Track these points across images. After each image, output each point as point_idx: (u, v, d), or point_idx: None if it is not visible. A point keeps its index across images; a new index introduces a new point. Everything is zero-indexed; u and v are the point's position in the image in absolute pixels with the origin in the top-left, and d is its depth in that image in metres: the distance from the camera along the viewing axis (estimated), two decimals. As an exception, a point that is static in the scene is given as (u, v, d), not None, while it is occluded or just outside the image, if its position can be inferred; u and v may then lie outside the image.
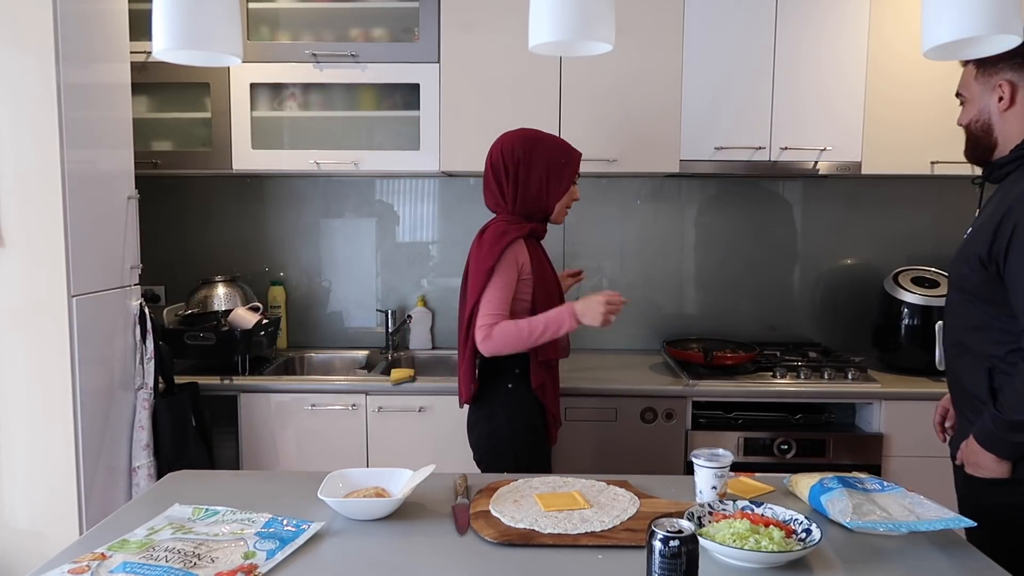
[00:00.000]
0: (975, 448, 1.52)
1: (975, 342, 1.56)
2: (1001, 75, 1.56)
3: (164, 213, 3.00)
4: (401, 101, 2.73)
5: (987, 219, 1.53)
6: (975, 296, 1.55)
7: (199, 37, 1.46)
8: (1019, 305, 1.45)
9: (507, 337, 1.88)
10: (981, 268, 1.51)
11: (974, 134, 1.63)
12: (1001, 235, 1.47)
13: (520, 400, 1.99)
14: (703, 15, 2.58)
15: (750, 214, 3.02)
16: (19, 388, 2.02)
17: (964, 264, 1.55)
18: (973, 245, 1.54)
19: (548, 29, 1.45)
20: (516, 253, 1.94)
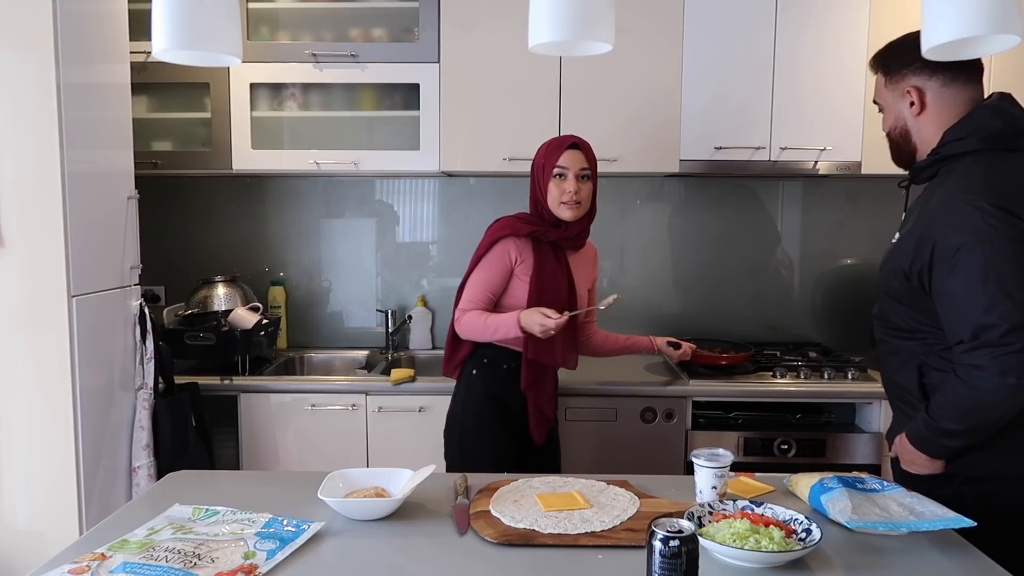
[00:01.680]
0: (908, 447, 1.54)
1: (904, 342, 1.58)
2: (907, 81, 1.56)
3: (164, 213, 3.00)
4: (401, 101, 2.73)
5: (909, 232, 1.54)
6: (901, 302, 1.56)
7: (199, 37, 1.46)
8: (947, 323, 1.45)
9: (472, 325, 1.99)
10: (905, 280, 1.52)
11: (895, 141, 1.65)
12: (921, 254, 1.47)
13: (479, 389, 2.07)
14: (703, 15, 2.58)
15: (750, 214, 3.02)
16: (19, 388, 2.02)
17: (891, 275, 1.57)
18: (896, 258, 1.55)
19: (548, 29, 1.45)
20: (508, 248, 2.01)
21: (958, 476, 1.51)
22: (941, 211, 1.45)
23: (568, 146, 2.01)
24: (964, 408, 1.43)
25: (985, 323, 1.38)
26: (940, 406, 1.47)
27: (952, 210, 1.43)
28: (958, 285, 1.41)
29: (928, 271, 1.46)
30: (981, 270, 1.38)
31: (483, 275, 2.02)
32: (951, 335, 1.45)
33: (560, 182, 2.00)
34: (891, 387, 1.66)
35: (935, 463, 1.52)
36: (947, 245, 1.42)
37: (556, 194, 2.01)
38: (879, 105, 1.67)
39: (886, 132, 1.66)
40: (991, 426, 1.44)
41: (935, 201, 1.48)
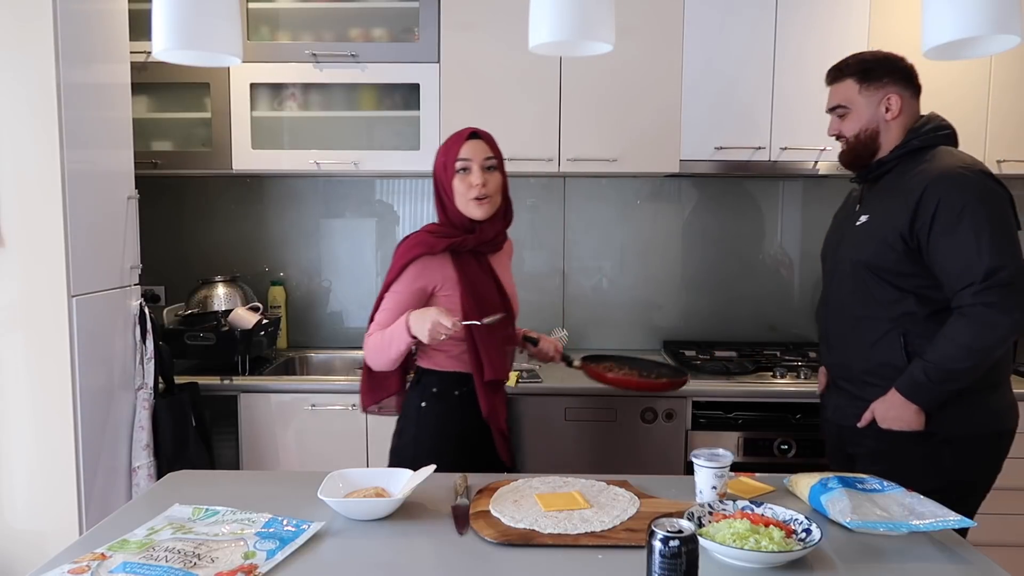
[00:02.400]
0: (897, 402, 1.69)
1: (886, 313, 1.75)
2: (887, 89, 1.79)
3: (164, 213, 3.00)
4: (401, 101, 2.73)
5: (896, 204, 1.72)
6: (888, 272, 1.73)
7: (199, 37, 1.46)
8: (954, 270, 1.64)
9: (372, 349, 1.75)
10: (902, 244, 1.70)
11: (862, 142, 1.83)
12: (921, 215, 1.66)
13: (432, 425, 1.83)
14: (703, 15, 2.58)
15: (750, 214, 3.02)
16: (19, 388, 2.02)
17: (878, 249, 1.74)
18: (884, 228, 1.73)
19: (548, 29, 1.45)
20: (422, 270, 1.76)
21: (936, 435, 1.69)
22: (939, 180, 1.67)
23: (468, 136, 1.80)
24: (973, 346, 1.61)
25: (997, 265, 1.59)
26: (944, 351, 1.64)
27: (952, 177, 1.67)
28: (966, 235, 1.61)
29: (928, 229, 1.65)
30: (987, 222, 1.61)
31: (395, 299, 1.76)
32: (959, 280, 1.63)
33: (465, 176, 1.78)
34: (866, 366, 1.79)
35: (921, 417, 1.68)
36: (951, 203, 1.64)
37: (463, 190, 1.78)
38: (844, 110, 1.84)
39: (854, 134, 1.83)
40: (988, 364, 1.64)
41: (922, 173, 1.70)
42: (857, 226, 1.83)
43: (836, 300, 1.88)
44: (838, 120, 1.86)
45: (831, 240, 1.98)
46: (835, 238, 1.94)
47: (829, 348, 1.92)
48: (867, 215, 1.81)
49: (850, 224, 1.87)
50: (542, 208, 3.01)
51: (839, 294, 1.87)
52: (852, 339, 1.83)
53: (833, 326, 1.90)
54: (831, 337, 1.91)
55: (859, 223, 1.82)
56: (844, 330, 1.85)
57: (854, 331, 1.83)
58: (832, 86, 1.87)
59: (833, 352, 1.90)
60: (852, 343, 1.83)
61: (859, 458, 1.81)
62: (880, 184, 1.83)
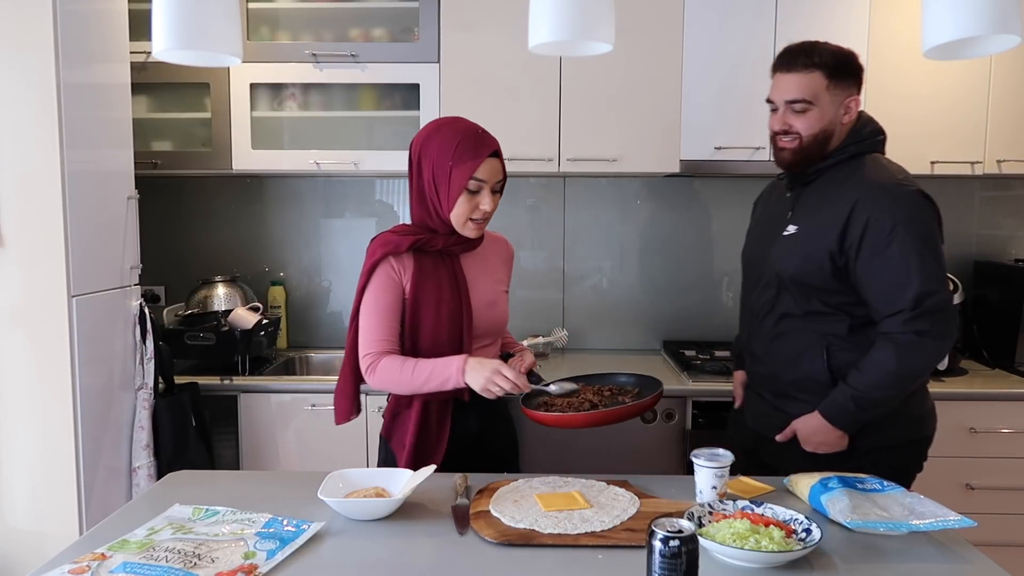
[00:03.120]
0: (822, 427, 1.65)
1: (810, 326, 1.69)
2: (851, 91, 1.67)
3: (164, 213, 3.00)
4: (401, 101, 2.73)
5: (825, 219, 1.64)
6: (813, 287, 1.67)
7: (199, 37, 1.46)
8: (882, 295, 1.59)
9: (390, 374, 1.60)
10: (830, 263, 1.63)
11: (817, 142, 1.68)
12: (852, 231, 1.60)
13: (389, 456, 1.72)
14: (703, 15, 2.58)
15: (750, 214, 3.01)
16: (19, 388, 2.02)
17: (806, 261, 1.66)
18: (812, 244, 1.65)
19: (548, 29, 1.45)
20: (388, 271, 1.63)
21: (860, 449, 1.67)
22: (869, 195, 1.60)
23: (490, 154, 1.61)
24: (902, 374, 1.59)
25: (927, 290, 1.56)
26: (872, 378, 1.60)
27: (882, 193, 1.60)
28: (896, 258, 1.57)
29: (857, 249, 1.60)
30: (917, 245, 1.57)
31: (376, 305, 1.62)
32: (888, 306, 1.59)
33: (472, 197, 1.60)
34: (790, 379, 1.74)
35: (845, 439, 1.65)
36: (881, 223, 1.58)
37: (465, 210, 1.61)
38: (806, 105, 1.66)
39: (812, 133, 1.67)
40: (914, 387, 1.64)
41: (852, 186, 1.63)
42: (785, 236, 1.73)
43: (760, 309, 1.79)
44: (793, 114, 1.67)
45: (756, 246, 1.86)
46: (761, 245, 1.82)
47: (754, 358, 1.84)
48: (796, 226, 1.71)
49: (777, 232, 1.76)
50: (542, 208, 3.01)
51: (762, 303, 1.78)
52: (776, 351, 1.76)
53: (757, 336, 1.81)
54: (755, 346, 1.82)
55: (787, 233, 1.72)
56: (768, 341, 1.77)
57: (777, 343, 1.75)
58: (795, 74, 1.66)
59: (758, 362, 1.82)
60: (776, 355, 1.76)
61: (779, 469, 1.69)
62: (810, 190, 1.73)
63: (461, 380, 1.54)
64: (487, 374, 1.52)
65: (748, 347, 1.86)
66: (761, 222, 1.90)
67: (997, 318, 2.76)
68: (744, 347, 1.91)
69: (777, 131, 1.71)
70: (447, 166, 1.59)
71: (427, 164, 1.62)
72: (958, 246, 2.99)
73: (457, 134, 1.61)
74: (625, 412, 1.57)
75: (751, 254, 1.89)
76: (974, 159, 2.62)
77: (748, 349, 1.87)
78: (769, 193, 1.96)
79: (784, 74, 1.68)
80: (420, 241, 1.63)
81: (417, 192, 1.66)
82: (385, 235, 1.68)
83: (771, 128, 1.73)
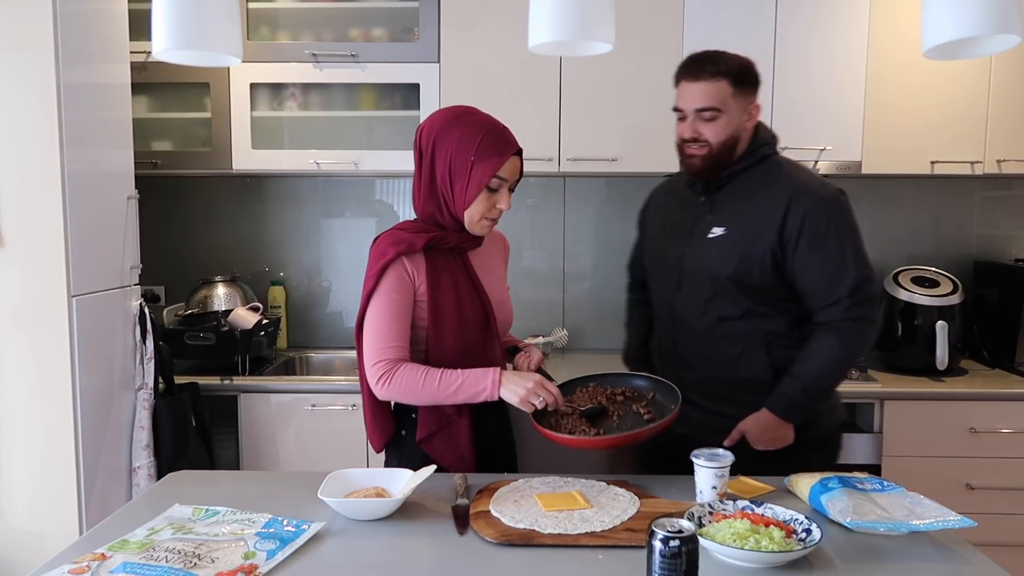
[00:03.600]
0: (772, 423, 1.67)
1: (748, 326, 1.71)
2: (752, 97, 1.71)
3: (164, 213, 3.00)
4: (401, 101, 2.73)
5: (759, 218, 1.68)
6: (751, 286, 1.69)
7: (199, 37, 1.46)
8: (821, 287, 1.65)
9: (410, 383, 1.50)
10: (770, 259, 1.67)
11: (725, 146, 1.69)
12: (790, 227, 1.65)
13: (413, 453, 1.60)
14: (703, 15, 2.58)
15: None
16: (19, 388, 2.02)
17: (743, 261, 1.68)
18: (748, 243, 1.68)
19: (548, 29, 1.45)
20: (400, 272, 1.54)
21: (802, 439, 1.70)
22: (803, 194, 1.66)
23: (514, 152, 1.55)
24: (846, 361, 1.68)
25: (864, 276, 1.64)
26: (817, 368, 1.66)
27: (815, 192, 1.67)
28: (833, 251, 1.64)
29: (795, 243, 1.65)
30: (850, 237, 1.66)
31: (390, 308, 1.53)
32: (826, 296, 1.65)
33: (491, 196, 1.54)
34: (730, 382, 1.74)
35: (792, 433, 1.69)
36: (817, 219, 1.64)
37: (482, 209, 1.54)
38: (715, 112, 1.66)
39: (720, 140, 1.68)
40: None
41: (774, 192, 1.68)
42: (711, 239, 1.73)
43: (690, 314, 1.76)
44: (703, 122, 1.67)
45: (668, 251, 1.81)
46: (675, 249, 1.79)
47: (683, 365, 1.79)
48: (723, 228, 1.72)
49: (697, 235, 1.75)
50: (542, 208, 3.01)
51: (692, 308, 1.76)
52: (713, 355, 1.74)
53: (686, 342, 1.78)
54: (685, 353, 1.79)
55: (714, 235, 1.72)
56: (702, 346, 1.76)
57: (714, 347, 1.74)
58: (703, 83, 1.66)
59: (690, 369, 1.77)
60: (714, 359, 1.74)
61: None
62: (727, 194, 1.74)
63: (495, 393, 1.48)
64: (529, 385, 1.47)
65: (674, 354, 1.82)
66: (666, 227, 1.86)
67: (997, 318, 2.76)
68: (667, 355, 1.85)
69: (687, 139, 1.70)
70: (467, 161, 1.50)
71: (443, 155, 1.53)
72: (958, 246, 2.99)
73: (480, 128, 1.52)
74: (645, 435, 1.50)
75: (661, 259, 1.84)
76: (974, 159, 2.62)
77: (673, 356, 1.82)
78: (663, 199, 1.92)
79: (691, 83, 1.68)
80: (434, 239, 1.55)
81: (427, 184, 1.56)
82: (395, 233, 1.58)
83: (680, 136, 1.72)
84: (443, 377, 1.50)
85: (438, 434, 1.60)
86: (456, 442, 1.60)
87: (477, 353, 1.58)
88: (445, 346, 1.56)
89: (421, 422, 1.59)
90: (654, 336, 1.95)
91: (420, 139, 1.57)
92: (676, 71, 1.73)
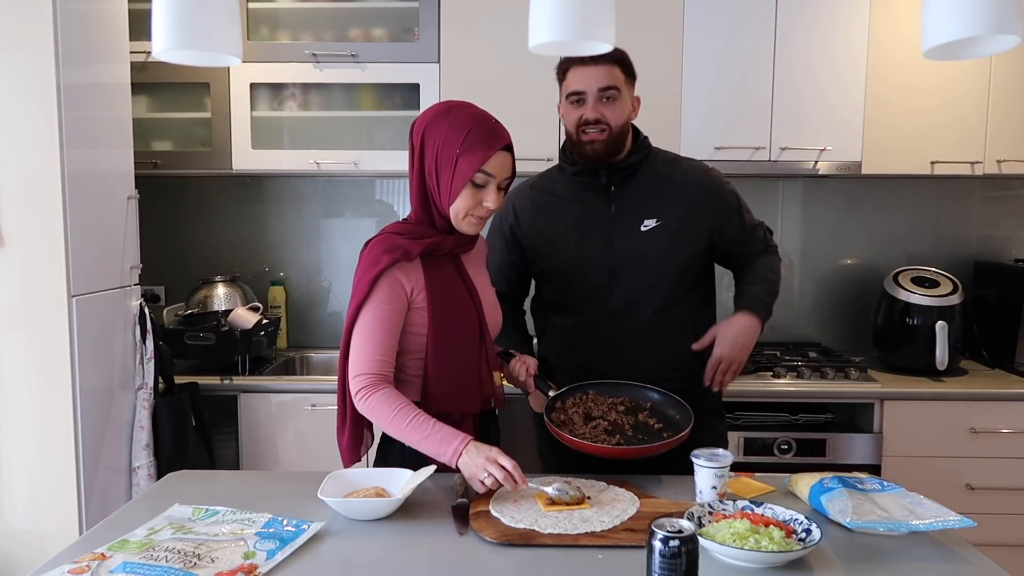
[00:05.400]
0: (749, 323, 1.76)
1: (680, 313, 1.80)
2: (634, 90, 1.80)
3: (164, 213, 3.00)
4: (401, 101, 2.73)
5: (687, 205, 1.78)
6: (689, 270, 1.81)
7: (199, 37, 1.46)
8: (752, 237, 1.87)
9: (381, 412, 1.46)
10: (708, 242, 1.81)
11: (623, 132, 1.77)
12: (725, 207, 1.82)
13: (418, 462, 1.48)
14: (703, 15, 2.58)
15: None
16: (19, 388, 2.02)
17: (685, 248, 1.78)
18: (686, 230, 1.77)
19: (548, 29, 1.45)
20: (394, 281, 1.49)
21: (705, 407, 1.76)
22: (715, 179, 1.84)
23: (503, 148, 1.49)
24: (779, 270, 1.88)
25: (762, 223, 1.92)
26: (763, 273, 1.84)
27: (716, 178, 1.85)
28: (746, 216, 1.87)
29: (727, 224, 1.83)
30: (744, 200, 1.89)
31: (380, 319, 1.47)
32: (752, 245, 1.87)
33: (478, 192, 1.48)
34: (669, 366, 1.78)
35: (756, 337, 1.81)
36: (730, 199, 1.85)
37: (468, 205, 1.49)
38: (614, 92, 1.72)
39: (619, 124, 1.74)
40: None
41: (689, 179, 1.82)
42: (646, 231, 1.76)
43: (630, 307, 1.77)
44: (604, 104, 1.69)
45: (592, 249, 1.78)
46: (600, 247, 1.77)
47: (619, 360, 1.76)
48: (655, 219, 1.76)
49: (627, 229, 1.76)
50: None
51: (632, 301, 1.77)
52: (653, 343, 1.77)
53: (626, 337, 1.77)
54: (623, 347, 1.77)
55: (648, 228, 1.76)
56: (642, 337, 1.77)
57: (653, 336, 1.77)
58: (601, 66, 1.68)
59: (629, 363, 1.75)
60: (654, 347, 1.77)
61: None
62: (638, 186, 1.79)
63: (454, 462, 1.40)
64: (478, 463, 1.38)
65: (610, 353, 1.78)
66: (573, 228, 1.80)
67: (997, 318, 2.76)
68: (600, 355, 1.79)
69: (589, 120, 1.70)
70: (453, 154, 1.46)
71: (431, 148, 1.49)
72: (958, 246, 2.99)
73: (469, 120, 1.48)
74: (665, 447, 1.51)
75: (582, 260, 1.79)
76: (974, 159, 2.62)
77: (609, 355, 1.78)
78: (540, 202, 1.86)
79: (589, 66, 1.69)
80: (431, 245, 1.50)
81: (418, 180, 1.52)
82: (389, 238, 1.51)
83: (582, 119, 1.71)
84: (411, 423, 1.43)
85: None
86: None
87: (474, 359, 1.56)
88: (446, 353, 1.53)
89: None
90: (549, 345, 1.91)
91: (412, 133, 1.54)
92: (560, 62, 1.77)
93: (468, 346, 1.56)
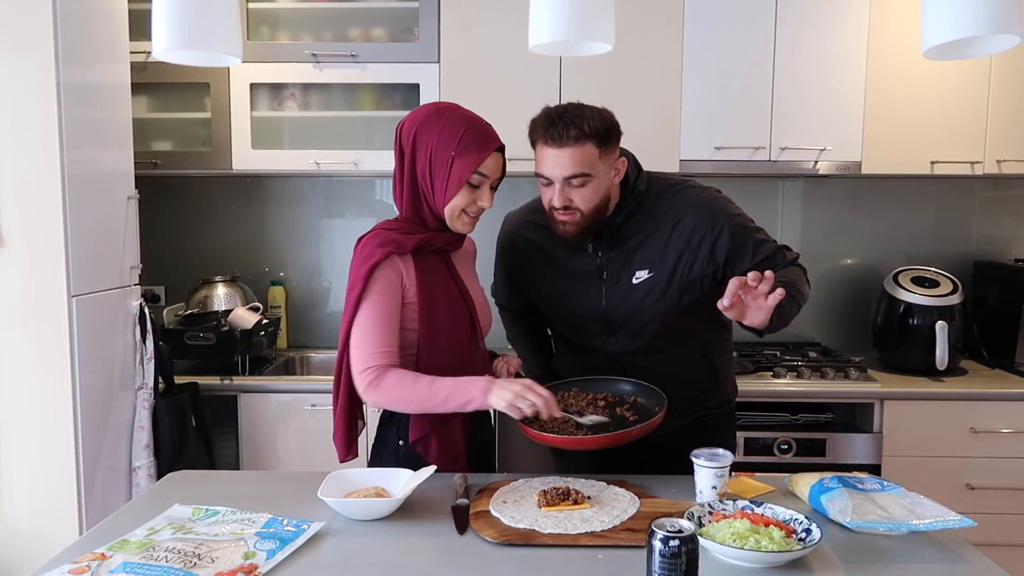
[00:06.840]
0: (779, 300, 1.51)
1: (692, 346, 1.76)
2: (615, 152, 1.60)
3: (164, 213, 3.00)
4: (401, 101, 2.73)
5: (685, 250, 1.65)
6: (694, 307, 1.69)
7: (199, 37, 1.46)
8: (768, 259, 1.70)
9: (399, 390, 1.48)
10: (710, 278, 1.66)
11: (600, 208, 1.60)
12: (719, 251, 1.64)
13: (413, 462, 1.51)
14: (703, 15, 2.58)
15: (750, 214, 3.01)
16: (19, 388, 2.02)
17: (685, 292, 1.67)
18: (683, 275, 1.65)
19: (548, 29, 1.45)
20: (389, 273, 1.51)
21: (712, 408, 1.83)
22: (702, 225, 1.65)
23: (496, 149, 1.53)
24: (806, 281, 1.72)
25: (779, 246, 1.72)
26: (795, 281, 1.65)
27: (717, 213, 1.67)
28: (768, 244, 1.69)
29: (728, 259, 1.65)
30: (756, 226, 1.72)
31: (379, 312, 1.50)
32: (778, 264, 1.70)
33: (472, 192, 1.52)
34: (684, 398, 1.73)
35: None
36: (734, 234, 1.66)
37: (461, 203, 1.52)
38: (586, 178, 1.54)
39: (593, 206, 1.58)
40: None
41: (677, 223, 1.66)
42: (639, 284, 1.67)
43: (631, 354, 1.73)
44: (572, 189, 1.55)
45: (583, 301, 1.72)
46: (592, 299, 1.71)
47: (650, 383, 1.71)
48: (647, 271, 1.66)
49: (619, 283, 1.68)
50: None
51: (634, 349, 1.73)
52: (664, 379, 1.65)
53: (636, 370, 1.71)
54: (633, 376, 1.71)
55: (640, 280, 1.67)
56: (652, 371, 1.69)
57: (665, 371, 1.69)
58: (568, 148, 1.51)
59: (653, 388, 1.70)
60: (665, 384, 1.65)
61: None
62: (628, 239, 1.67)
63: (485, 402, 1.44)
64: (516, 389, 1.43)
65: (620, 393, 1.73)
66: (563, 277, 1.75)
67: (997, 318, 2.76)
68: None
69: (556, 207, 1.58)
70: (448, 156, 1.49)
71: (423, 150, 1.51)
72: (958, 246, 2.99)
73: (461, 123, 1.51)
74: (630, 436, 1.50)
75: (572, 309, 1.76)
76: (974, 159, 2.62)
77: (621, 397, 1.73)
78: (536, 236, 1.77)
79: (555, 148, 1.52)
80: (423, 241, 1.53)
81: (409, 181, 1.54)
82: (381, 233, 1.55)
83: (548, 203, 1.60)
84: (434, 384, 1.46)
85: (432, 436, 1.57)
86: (450, 444, 1.59)
87: (465, 356, 1.58)
88: (437, 350, 1.55)
89: (414, 424, 1.56)
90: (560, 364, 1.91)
91: (400, 135, 1.54)
92: (531, 129, 1.57)
93: (459, 341, 1.58)
